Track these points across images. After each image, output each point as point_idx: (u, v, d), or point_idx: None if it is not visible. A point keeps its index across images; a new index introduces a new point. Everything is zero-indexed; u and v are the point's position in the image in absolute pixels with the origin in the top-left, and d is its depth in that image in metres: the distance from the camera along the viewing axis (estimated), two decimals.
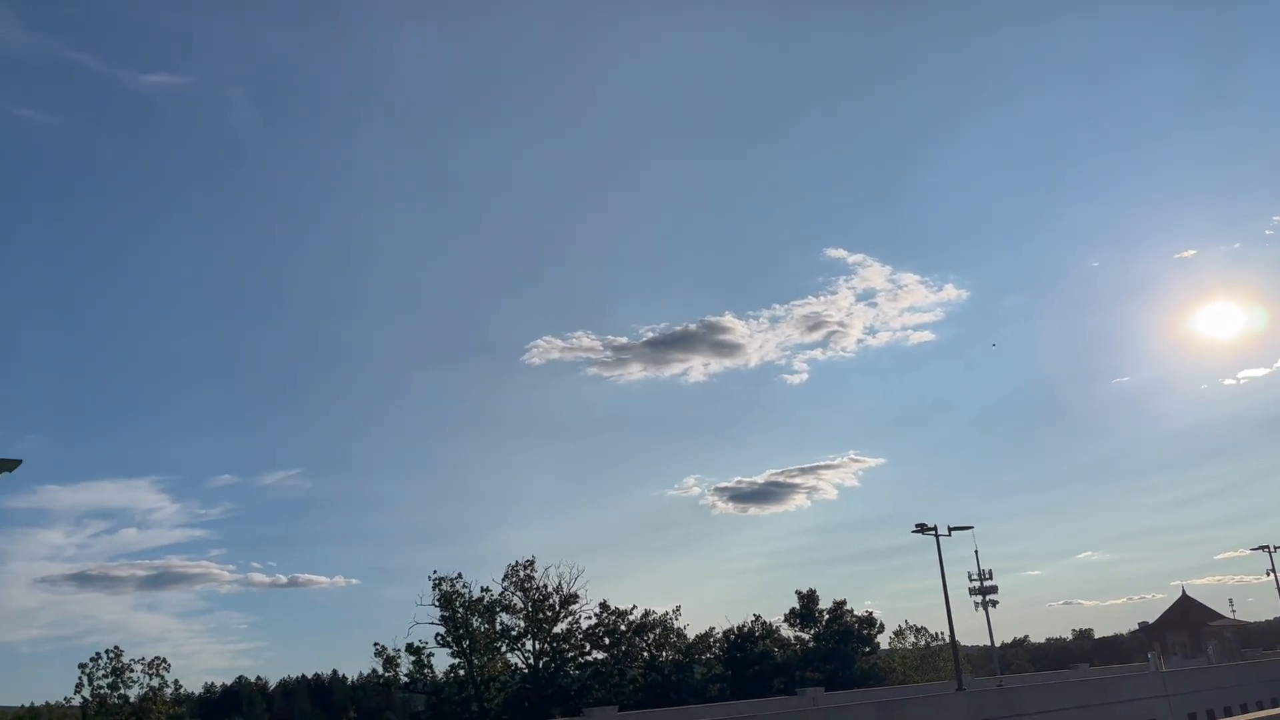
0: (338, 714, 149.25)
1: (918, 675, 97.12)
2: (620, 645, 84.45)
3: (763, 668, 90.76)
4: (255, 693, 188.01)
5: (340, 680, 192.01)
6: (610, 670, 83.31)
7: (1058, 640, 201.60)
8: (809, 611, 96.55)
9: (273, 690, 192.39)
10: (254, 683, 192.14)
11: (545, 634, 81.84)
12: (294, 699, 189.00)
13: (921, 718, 46.92)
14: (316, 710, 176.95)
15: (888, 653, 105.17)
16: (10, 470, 29.73)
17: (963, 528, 66.02)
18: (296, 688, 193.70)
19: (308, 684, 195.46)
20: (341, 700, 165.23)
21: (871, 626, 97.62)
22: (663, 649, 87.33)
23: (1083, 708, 54.68)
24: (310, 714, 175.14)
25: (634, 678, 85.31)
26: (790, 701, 62.55)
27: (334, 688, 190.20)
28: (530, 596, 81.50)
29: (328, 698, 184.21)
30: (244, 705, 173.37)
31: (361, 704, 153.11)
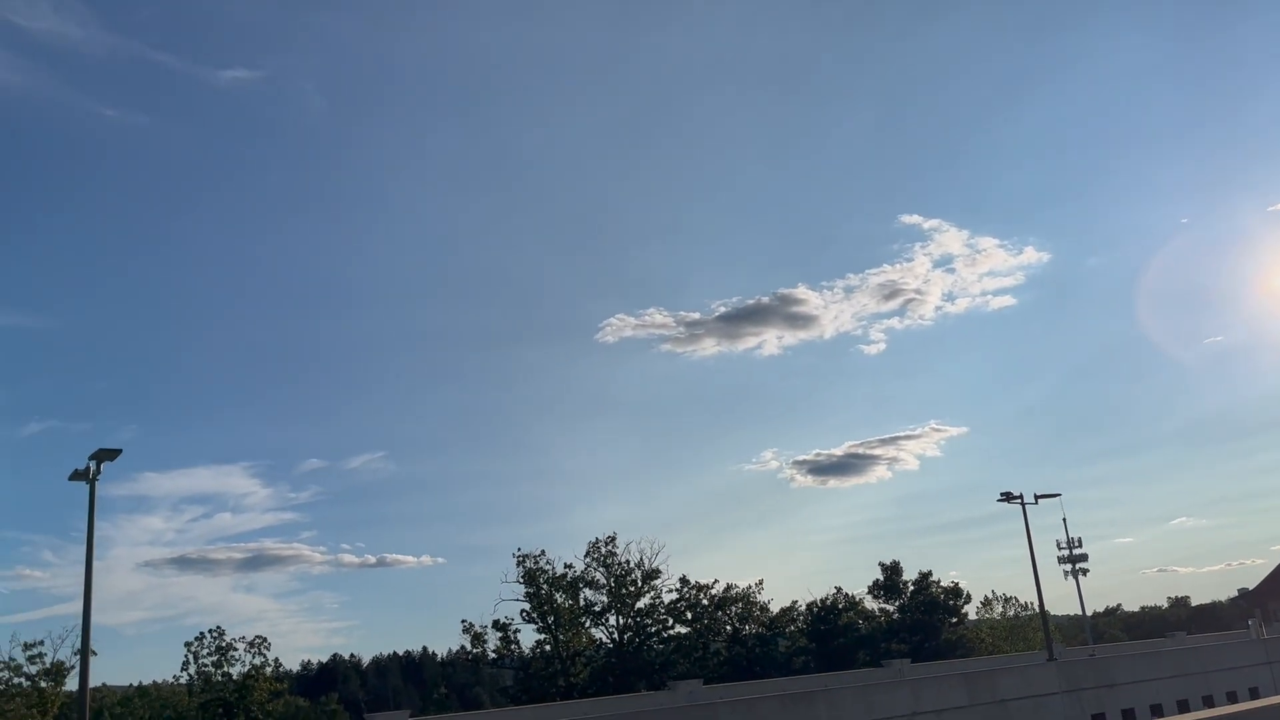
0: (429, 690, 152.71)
1: (1006, 645, 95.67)
2: (703, 619, 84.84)
3: (847, 640, 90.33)
4: (350, 669, 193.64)
5: (430, 657, 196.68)
6: (694, 644, 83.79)
7: (1152, 608, 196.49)
8: (893, 583, 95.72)
9: (366, 667, 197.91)
10: (348, 660, 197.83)
11: (628, 609, 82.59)
12: (387, 675, 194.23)
13: (1012, 688, 46.25)
14: (408, 686, 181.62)
15: (975, 623, 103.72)
16: (111, 459, 31.03)
17: (1049, 495, 64.79)
18: (389, 664, 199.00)
19: (399, 661, 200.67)
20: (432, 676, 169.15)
21: (957, 597, 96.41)
22: (746, 622, 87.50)
23: (1180, 677, 53.31)
24: (402, 690, 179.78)
25: (717, 651, 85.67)
26: (876, 673, 62.21)
27: (424, 664, 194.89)
28: (612, 572, 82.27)
29: (419, 674, 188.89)
30: (339, 681, 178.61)
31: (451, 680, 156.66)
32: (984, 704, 44.40)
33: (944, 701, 43.38)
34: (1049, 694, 47.54)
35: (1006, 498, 60.97)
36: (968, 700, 44.18)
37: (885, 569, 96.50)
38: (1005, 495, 61.01)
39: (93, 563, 30.07)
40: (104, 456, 30.56)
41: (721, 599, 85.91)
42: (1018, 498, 60.83)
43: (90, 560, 30.01)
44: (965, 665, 66.44)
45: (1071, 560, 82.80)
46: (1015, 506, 61.07)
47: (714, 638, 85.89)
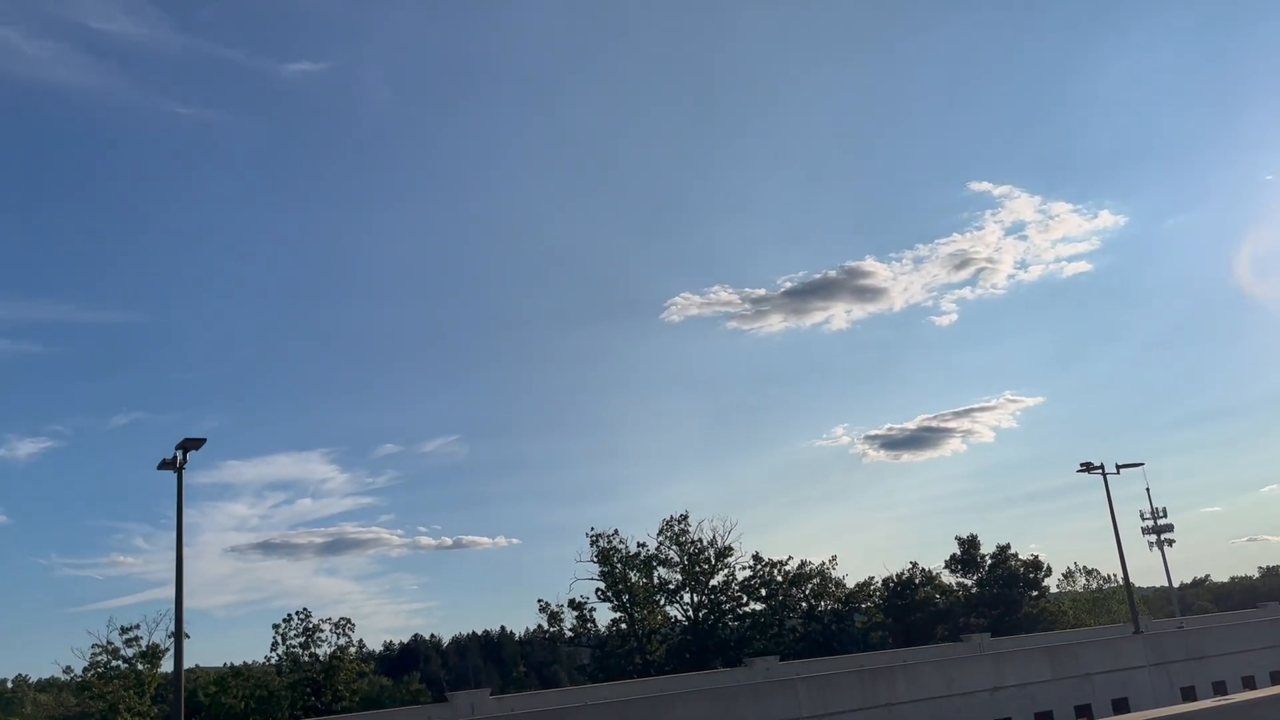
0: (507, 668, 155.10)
1: (1089, 619, 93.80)
2: (777, 596, 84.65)
3: (924, 615, 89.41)
4: (430, 649, 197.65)
5: (509, 636, 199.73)
6: (769, 621, 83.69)
7: (1243, 579, 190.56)
8: (970, 557, 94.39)
9: (446, 647, 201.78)
10: (429, 640, 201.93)
11: (702, 587, 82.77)
12: (466, 654, 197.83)
13: (1097, 662, 45.35)
14: (488, 665, 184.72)
15: (1056, 596, 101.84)
16: (197, 448, 31.93)
17: (1132, 465, 63.08)
18: (468, 644, 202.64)
19: (478, 640, 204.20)
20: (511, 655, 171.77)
21: (1038, 570, 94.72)
22: (821, 599, 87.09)
23: (1273, 648, 51.75)
24: (482, 668, 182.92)
25: (793, 628, 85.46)
26: (956, 648, 61.54)
27: (503, 643, 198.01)
28: (685, 550, 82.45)
29: (498, 652, 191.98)
30: (421, 661, 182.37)
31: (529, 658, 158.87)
32: (1068, 678, 43.67)
33: (1027, 675, 42.74)
34: (1136, 667, 46.56)
35: (1087, 468, 59.56)
36: (1051, 674, 43.47)
37: (962, 543, 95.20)
38: (1085, 465, 59.62)
39: (183, 549, 31.04)
40: (190, 446, 31.41)
41: (796, 575, 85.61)
42: (1098, 468, 59.39)
43: (180, 547, 30.99)
44: (1048, 639, 65.33)
45: (1156, 531, 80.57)
46: (1095, 477, 59.65)
47: (789, 614, 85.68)
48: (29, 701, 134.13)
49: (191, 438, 31.32)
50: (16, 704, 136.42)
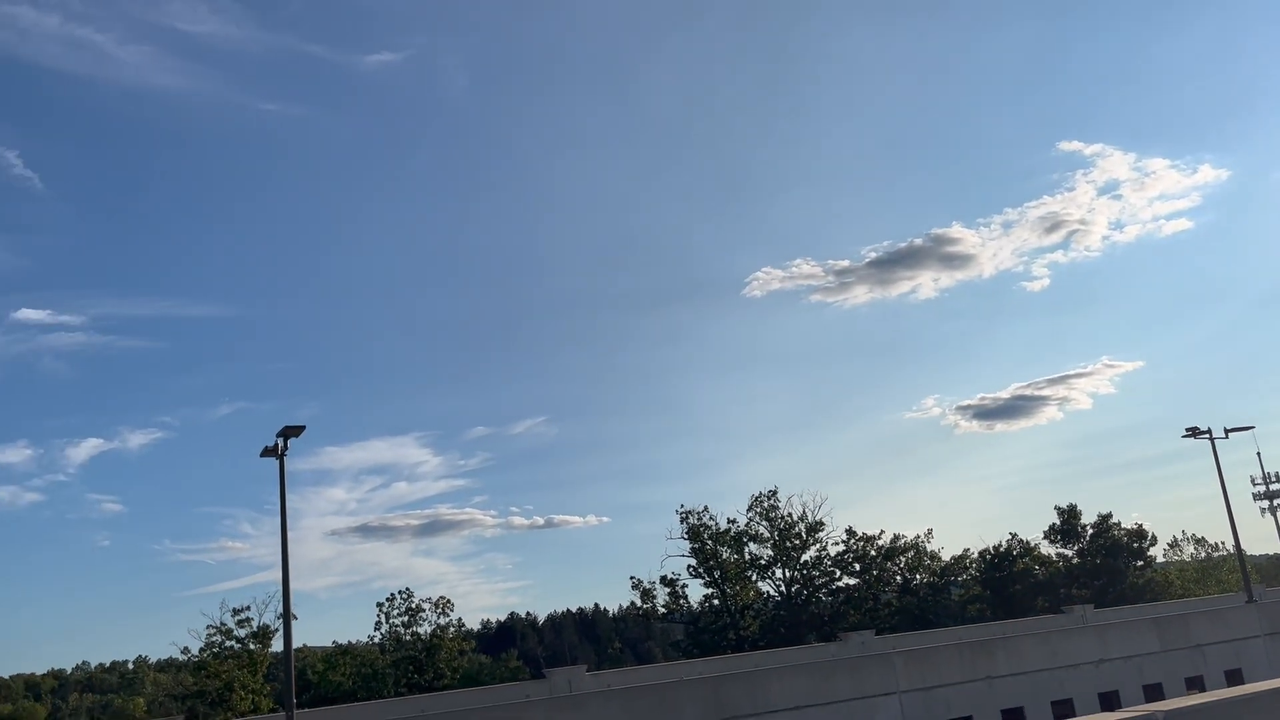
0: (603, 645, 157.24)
1: (1198, 589, 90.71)
2: (871, 570, 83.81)
3: (1024, 587, 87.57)
4: (526, 627, 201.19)
5: (602, 613, 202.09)
6: (863, 595, 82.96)
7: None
8: (1070, 527, 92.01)
9: (542, 624, 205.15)
10: (525, 618, 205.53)
11: (794, 562, 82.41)
12: (562, 632, 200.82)
13: (1207, 633, 43.89)
14: (583, 642, 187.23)
15: (1162, 566, 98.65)
16: (297, 436, 32.89)
17: (1242, 429, 60.50)
18: (563, 621, 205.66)
19: (573, 617, 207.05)
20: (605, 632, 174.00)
21: (1142, 539, 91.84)
22: (916, 572, 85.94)
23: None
24: (578, 645, 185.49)
25: (888, 602, 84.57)
26: (1058, 620, 60.16)
27: (597, 620, 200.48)
28: (775, 526, 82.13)
29: (593, 630, 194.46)
30: (518, 639, 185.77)
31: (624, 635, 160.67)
32: (1178, 649, 42.38)
33: (1133, 647, 41.59)
34: (1249, 638, 44.93)
35: (1193, 433, 57.38)
36: (1159, 646, 42.23)
37: (1061, 513, 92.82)
38: (1191, 430, 57.43)
39: (287, 533, 32.10)
40: (290, 433, 32.34)
41: (889, 549, 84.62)
42: (1205, 432, 57.17)
43: (285, 531, 32.05)
44: (1155, 609, 63.41)
45: (1269, 496, 77.25)
46: (1202, 442, 57.43)
47: (884, 588, 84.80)
48: (149, 681, 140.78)
49: (291, 425, 32.22)
50: (138, 684, 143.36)
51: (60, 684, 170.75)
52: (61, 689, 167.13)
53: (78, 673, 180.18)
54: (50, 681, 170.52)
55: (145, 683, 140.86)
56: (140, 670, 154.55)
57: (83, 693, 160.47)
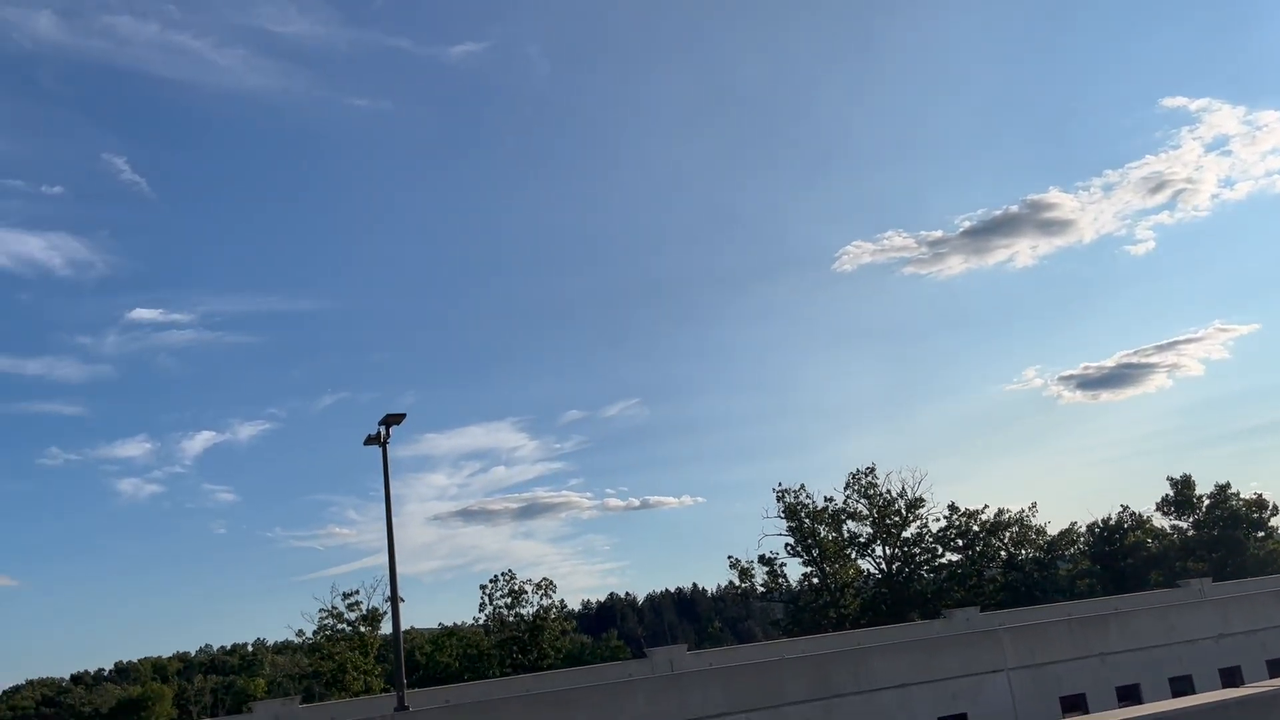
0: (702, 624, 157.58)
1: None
2: (974, 546, 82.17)
3: (1136, 560, 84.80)
4: (626, 607, 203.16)
5: (701, 593, 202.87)
6: (967, 571, 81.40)
7: None
8: (1185, 498, 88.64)
9: (641, 604, 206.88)
10: (624, 598, 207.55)
11: (894, 539, 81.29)
12: (661, 611, 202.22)
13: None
14: (682, 621, 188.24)
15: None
16: (398, 423, 33.69)
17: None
18: (662, 601, 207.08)
19: (672, 597, 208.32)
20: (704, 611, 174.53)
21: (1262, 509, 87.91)
22: (1021, 547, 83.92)
23: None
24: (677, 625, 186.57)
25: (993, 578, 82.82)
26: (1174, 594, 58.05)
27: (696, 600, 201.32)
28: (874, 503, 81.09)
29: (691, 609, 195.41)
30: (618, 619, 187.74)
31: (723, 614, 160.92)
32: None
33: (1257, 621, 39.90)
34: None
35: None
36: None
37: (1174, 484, 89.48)
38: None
39: (392, 519, 32.95)
40: (391, 421, 33.14)
41: (993, 524, 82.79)
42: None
43: (390, 517, 32.90)
44: (1278, 582, 60.66)
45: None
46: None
47: (988, 564, 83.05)
48: (267, 663, 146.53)
49: (392, 414, 33.01)
50: (258, 665, 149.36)
51: (185, 666, 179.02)
52: (187, 671, 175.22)
53: (201, 655, 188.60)
54: (176, 664, 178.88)
55: (264, 664, 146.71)
56: (259, 652, 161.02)
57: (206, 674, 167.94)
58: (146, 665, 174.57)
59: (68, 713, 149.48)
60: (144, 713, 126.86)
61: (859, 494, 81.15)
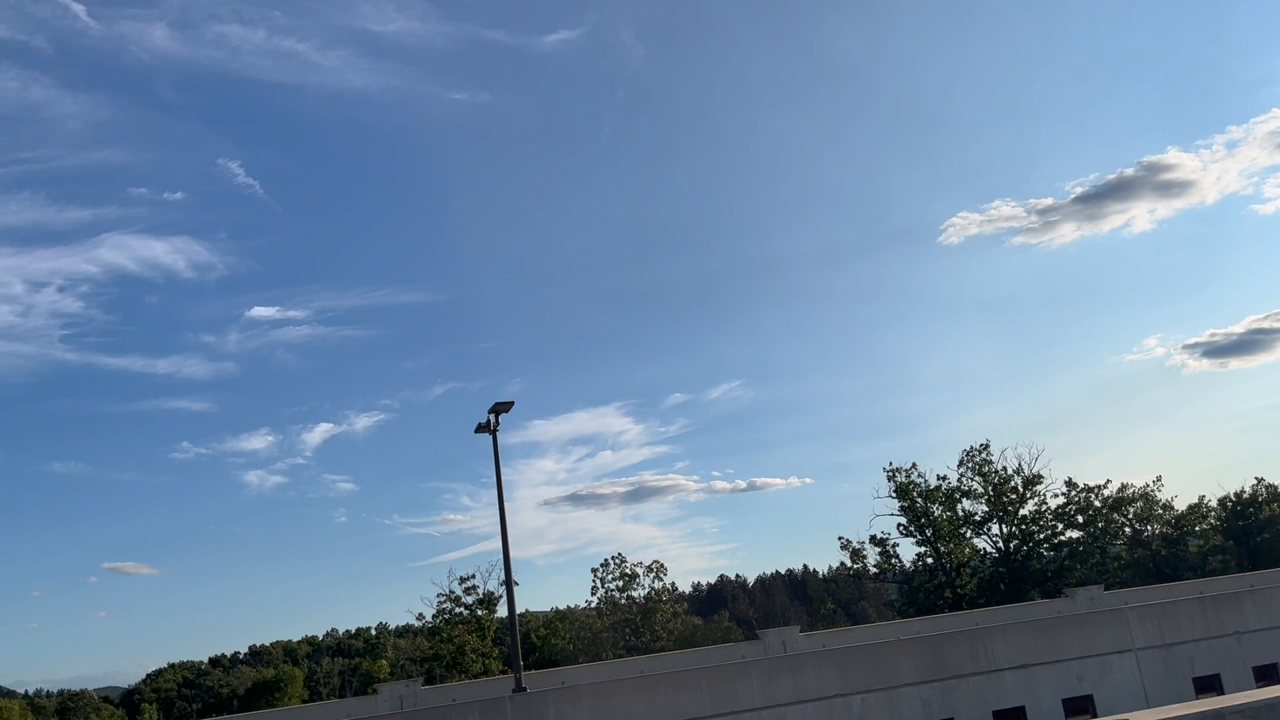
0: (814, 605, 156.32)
1: None
2: (1096, 522, 79.41)
3: (1271, 535, 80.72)
4: (736, 589, 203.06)
5: (812, 574, 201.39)
6: (1089, 549, 78.69)
7: None
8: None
9: (752, 586, 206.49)
10: (734, 580, 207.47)
11: (1011, 517, 79.09)
12: (772, 593, 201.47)
13: None
14: (794, 603, 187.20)
15: None
16: (507, 411, 34.28)
17: None
18: (773, 582, 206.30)
19: (782, 579, 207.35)
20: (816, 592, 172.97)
21: None
22: (1146, 523, 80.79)
23: None
24: (789, 606, 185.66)
25: (1117, 555, 79.94)
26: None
27: (807, 581, 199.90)
28: (989, 481, 79.00)
29: (802, 590, 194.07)
30: (729, 600, 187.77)
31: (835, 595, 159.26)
32: None
33: None
34: None
35: None
36: None
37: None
38: None
39: (504, 504, 33.60)
40: (500, 409, 33.72)
41: (1116, 500, 79.86)
42: None
43: (502, 503, 33.55)
44: None
45: None
46: None
47: (1111, 541, 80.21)
48: (390, 646, 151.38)
49: (501, 402, 33.55)
50: (381, 648, 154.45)
51: (314, 649, 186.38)
52: (315, 654, 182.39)
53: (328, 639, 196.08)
54: (305, 647, 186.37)
55: (387, 647, 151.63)
56: (382, 636, 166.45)
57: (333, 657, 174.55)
58: (278, 649, 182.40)
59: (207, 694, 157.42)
60: (277, 694, 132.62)
61: (973, 471, 79.21)
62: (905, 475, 78.44)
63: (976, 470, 79.10)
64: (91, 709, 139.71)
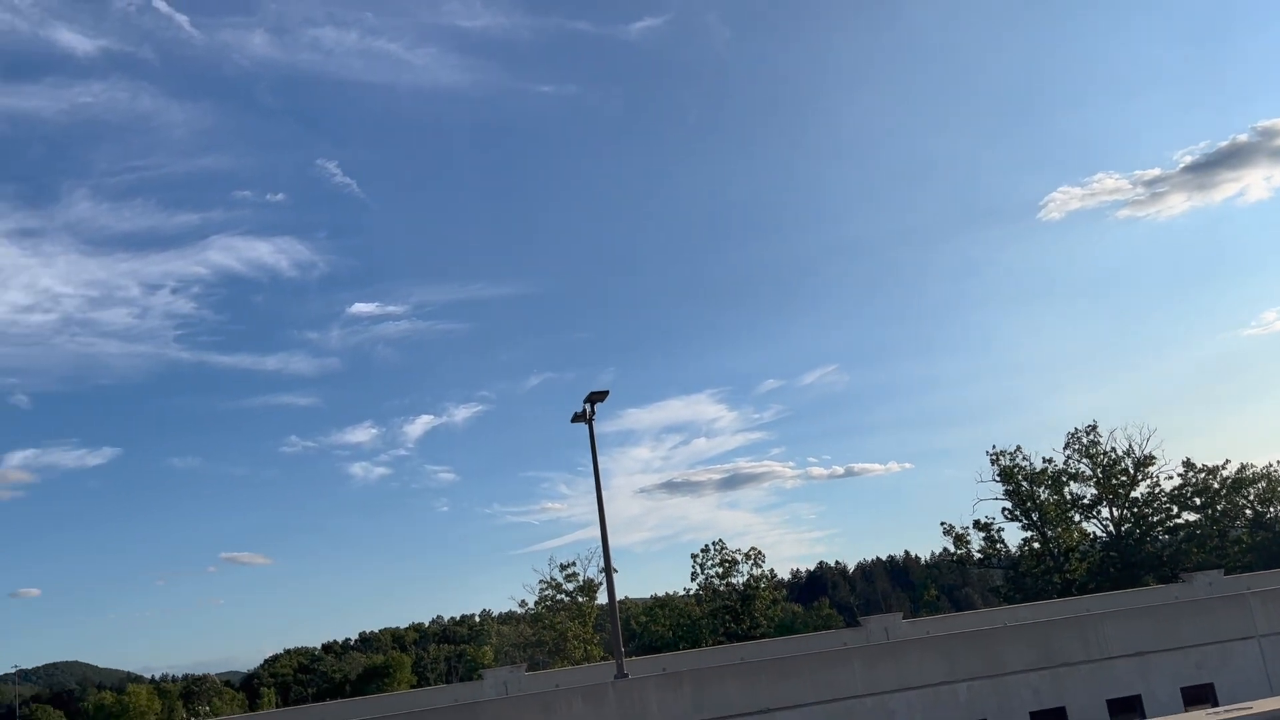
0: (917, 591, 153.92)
1: None
2: (1215, 505, 76.19)
3: None
4: (836, 575, 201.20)
5: (914, 560, 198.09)
6: (1207, 532, 75.57)
7: None
8: None
9: (852, 572, 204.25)
10: (834, 566, 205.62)
11: (1122, 500, 76.48)
12: (873, 579, 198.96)
13: None
14: (896, 589, 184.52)
15: None
16: (601, 400, 34.53)
17: None
18: (873, 569, 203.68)
19: (883, 565, 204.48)
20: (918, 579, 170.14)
21: None
22: (1270, 504, 77.18)
23: None
24: (890, 593, 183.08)
25: (1238, 539, 76.54)
26: None
27: (908, 567, 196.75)
28: (1098, 463, 76.54)
29: (904, 577, 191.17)
30: (828, 587, 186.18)
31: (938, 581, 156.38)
32: None
33: None
34: None
35: None
36: None
37: None
38: None
39: (602, 492, 33.90)
40: (595, 399, 33.97)
41: (1236, 480, 76.51)
42: None
43: (599, 491, 33.85)
44: None
45: None
46: None
47: (1232, 524, 76.87)
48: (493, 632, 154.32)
49: (596, 391, 33.80)
50: (484, 635, 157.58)
51: (420, 636, 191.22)
52: (421, 640, 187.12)
53: (433, 626, 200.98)
54: (412, 634, 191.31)
55: (490, 634, 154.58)
56: (485, 623, 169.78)
57: (439, 643, 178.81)
58: (386, 635, 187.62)
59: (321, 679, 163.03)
60: (387, 679, 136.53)
61: (1080, 454, 76.84)
62: (1009, 458, 76.56)
63: (1084, 452, 76.71)
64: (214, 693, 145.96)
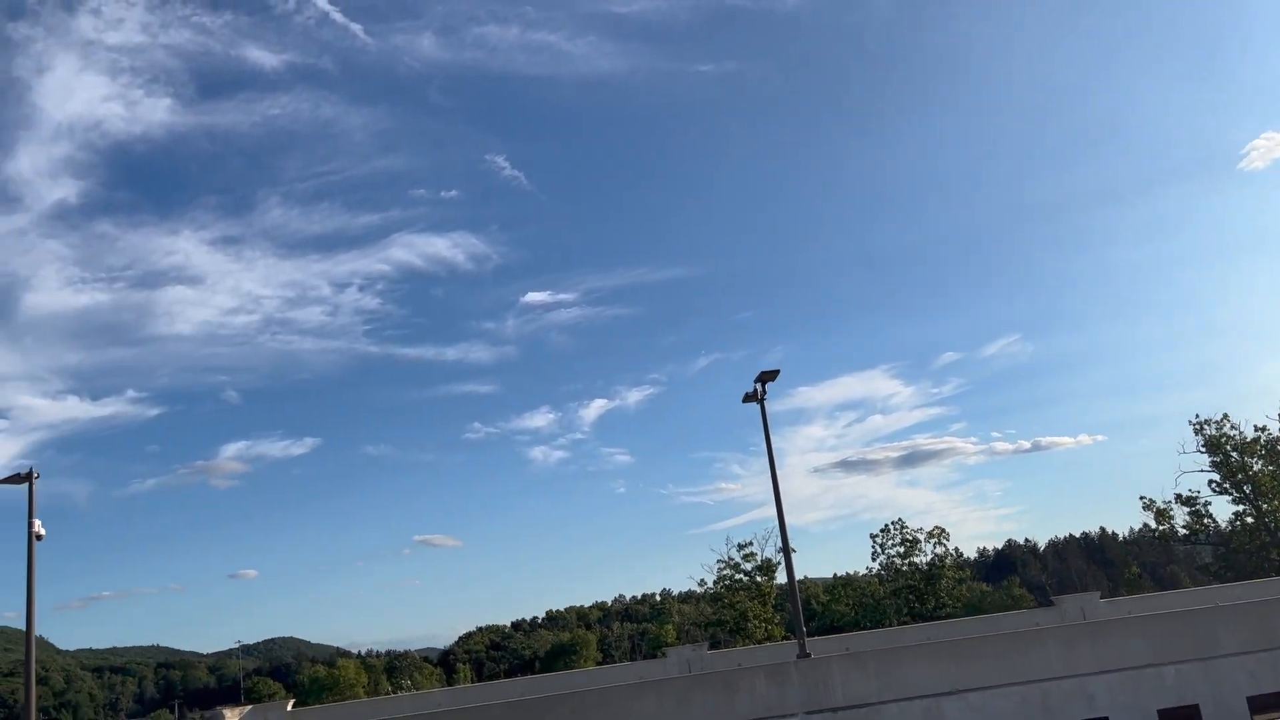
0: (1116, 569, 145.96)
1: None
2: None
3: None
4: (1026, 553, 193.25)
5: (1111, 537, 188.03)
6: None
7: None
8: None
9: (1043, 550, 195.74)
10: (1023, 544, 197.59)
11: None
12: (1065, 557, 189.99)
13: None
14: (1092, 567, 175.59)
15: None
16: (773, 379, 34.32)
17: None
18: (1066, 546, 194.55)
19: (1077, 542, 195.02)
20: (1117, 556, 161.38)
21: None
22: None
23: None
24: (1086, 571, 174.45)
25: None
26: None
27: (1105, 544, 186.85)
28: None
29: (1101, 554, 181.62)
30: (1018, 566, 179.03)
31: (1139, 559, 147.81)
32: None
33: None
34: None
35: None
36: None
37: None
38: None
39: (776, 472, 33.73)
40: (766, 378, 33.77)
41: None
42: None
43: (774, 471, 33.68)
44: None
45: None
46: None
47: None
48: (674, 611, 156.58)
49: (767, 370, 33.58)
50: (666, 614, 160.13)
51: (604, 615, 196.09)
52: (605, 619, 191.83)
53: (616, 604, 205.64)
54: (596, 613, 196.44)
55: (672, 612, 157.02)
56: (666, 602, 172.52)
57: (622, 622, 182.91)
58: (572, 614, 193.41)
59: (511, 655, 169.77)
60: (574, 656, 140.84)
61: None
62: (1216, 428, 71.48)
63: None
64: (414, 668, 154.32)
